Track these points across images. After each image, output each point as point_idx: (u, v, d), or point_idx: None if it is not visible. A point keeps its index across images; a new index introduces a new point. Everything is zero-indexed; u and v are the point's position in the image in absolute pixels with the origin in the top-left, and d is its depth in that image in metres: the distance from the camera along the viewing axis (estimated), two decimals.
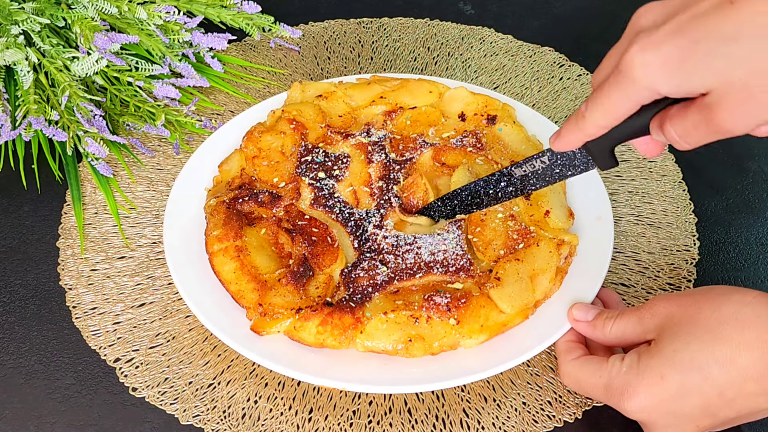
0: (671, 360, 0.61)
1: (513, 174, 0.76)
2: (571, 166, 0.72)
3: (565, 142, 0.65)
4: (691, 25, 0.54)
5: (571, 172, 0.72)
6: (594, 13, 1.18)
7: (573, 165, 0.72)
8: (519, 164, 0.75)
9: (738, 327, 0.60)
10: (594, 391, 0.66)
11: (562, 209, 0.81)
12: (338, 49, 1.11)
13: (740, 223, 0.89)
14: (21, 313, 0.80)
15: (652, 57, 0.55)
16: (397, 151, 0.87)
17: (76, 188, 0.90)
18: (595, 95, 0.60)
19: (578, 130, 0.63)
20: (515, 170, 0.76)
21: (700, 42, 0.53)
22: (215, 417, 0.72)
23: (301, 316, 0.71)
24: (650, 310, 0.66)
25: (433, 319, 0.71)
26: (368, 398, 0.73)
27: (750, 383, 0.60)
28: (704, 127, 0.56)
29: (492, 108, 0.90)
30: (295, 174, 0.84)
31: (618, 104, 0.59)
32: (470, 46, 1.11)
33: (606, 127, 0.61)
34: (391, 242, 0.77)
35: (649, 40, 0.55)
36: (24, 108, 0.89)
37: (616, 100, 0.58)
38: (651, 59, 0.55)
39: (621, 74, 0.57)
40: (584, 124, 0.62)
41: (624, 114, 0.60)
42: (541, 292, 0.73)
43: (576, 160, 0.71)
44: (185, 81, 0.98)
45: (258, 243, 0.77)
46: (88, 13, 0.96)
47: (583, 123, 0.62)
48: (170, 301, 0.81)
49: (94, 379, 0.75)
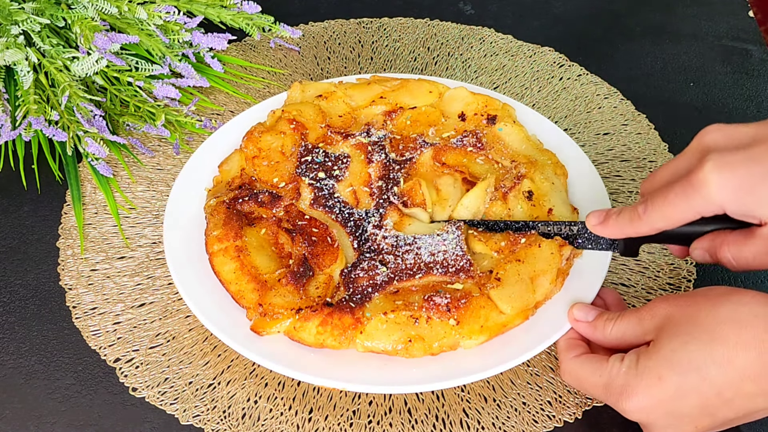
0: (669, 361, 0.62)
1: (537, 228, 0.78)
2: (596, 242, 0.76)
3: (611, 232, 0.70)
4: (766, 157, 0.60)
5: (591, 246, 0.77)
6: (594, 13, 1.18)
7: (597, 242, 0.76)
8: (547, 224, 0.78)
9: (735, 327, 0.60)
10: (593, 390, 0.66)
11: (565, 206, 0.81)
12: (338, 49, 1.11)
13: None
14: (21, 313, 0.80)
15: (728, 178, 0.61)
16: (397, 151, 0.87)
17: (76, 188, 0.90)
18: (658, 202, 0.65)
19: (631, 227, 0.68)
20: (541, 227, 0.78)
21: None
22: (215, 417, 0.72)
23: (301, 317, 0.71)
24: (650, 312, 0.66)
25: (432, 320, 0.71)
26: (368, 398, 0.73)
27: (748, 383, 0.60)
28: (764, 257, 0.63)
29: (492, 108, 0.90)
30: (295, 174, 0.84)
31: (681, 214, 0.64)
32: (470, 46, 1.11)
33: (661, 230, 0.66)
34: (391, 242, 0.77)
35: (724, 161, 0.61)
36: (24, 108, 0.89)
37: (681, 211, 0.64)
38: (727, 181, 0.61)
39: (692, 188, 0.62)
40: (640, 225, 0.67)
41: (682, 222, 0.65)
42: (541, 294, 0.73)
43: (602, 241, 0.76)
44: (185, 81, 0.98)
45: (258, 243, 0.77)
46: (88, 13, 0.96)
47: (639, 223, 0.67)
48: (170, 301, 0.81)
49: (94, 379, 0.75)
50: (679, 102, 0.97)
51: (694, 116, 1.01)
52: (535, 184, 0.81)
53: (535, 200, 0.80)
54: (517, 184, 0.81)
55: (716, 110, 1.02)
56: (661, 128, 0.99)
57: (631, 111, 1.01)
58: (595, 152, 0.95)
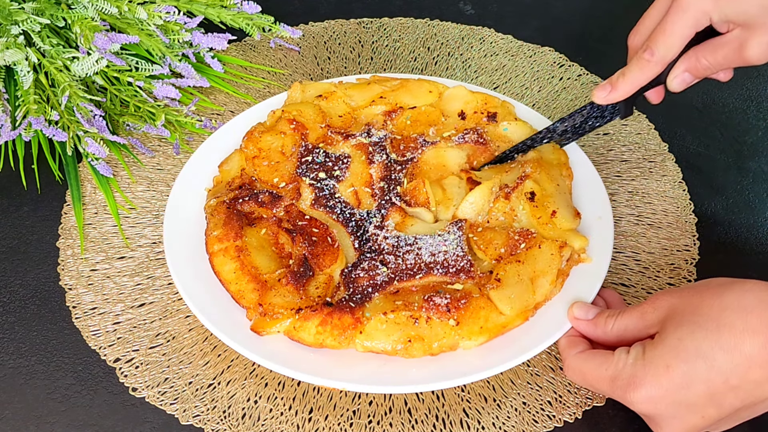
0: (676, 349, 0.62)
1: (556, 130, 0.85)
2: (601, 117, 0.83)
3: (625, 90, 0.78)
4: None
5: (599, 123, 0.83)
6: (594, 13, 1.18)
7: (602, 116, 0.83)
8: (563, 120, 0.84)
9: (741, 313, 0.61)
10: (599, 384, 0.66)
11: (569, 209, 0.80)
12: (338, 49, 1.11)
13: (740, 223, 0.89)
14: (21, 313, 0.80)
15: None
16: (398, 151, 0.87)
17: (76, 188, 0.90)
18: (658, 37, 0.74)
19: (643, 74, 0.76)
20: (559, 126, 0.85)
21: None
22: (215, 417, 0.72)
23: (300, 317, 0.71)
24: (653, 305, 0.66)
25: (432, 320, 0.71)
26: (368, 398, 0.73)
27: (755, 370, 0.60)
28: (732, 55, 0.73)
29: (492, 105, 0.90)
30: (296, 174, 0.84)
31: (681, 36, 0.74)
32: (470, 46, 1.11)
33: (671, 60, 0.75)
34: (392, 243, 0.77)
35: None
36: (24, 108, 0.89)
37: (680, 32, 0.73)
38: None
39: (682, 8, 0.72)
40: (652, 66, 0.76)
41: (684, 44, 0.74)
42: (541, 294, 0.73)
43: (606, 111, 0.82)
44: (185, 81, 0.98)
45: (258, 243, 0.77)
46: (88, 13, 0.96)
47: (650, 65, 0.76)
48: (170, 301, 0.81)
49: (94, 379, 0.75)
50: (679, 102, 0.96)
51: (694, 116, 1.01)
52: (539, 186, 0.80)
53: (537, 201, 0.80)
54: (520, 185, 0.80)
55: (716, 110, 1.02)
56: (661, 128, 0.99)
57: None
58: (595, 152, 0.95)
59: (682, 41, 0.74)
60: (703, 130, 1.00)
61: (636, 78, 0.77)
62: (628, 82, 0.78)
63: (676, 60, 0.76)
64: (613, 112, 0.82)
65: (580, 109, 0.83)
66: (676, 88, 0.77)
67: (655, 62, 0.75)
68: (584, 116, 0.84)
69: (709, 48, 0.74)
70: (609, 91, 0.79)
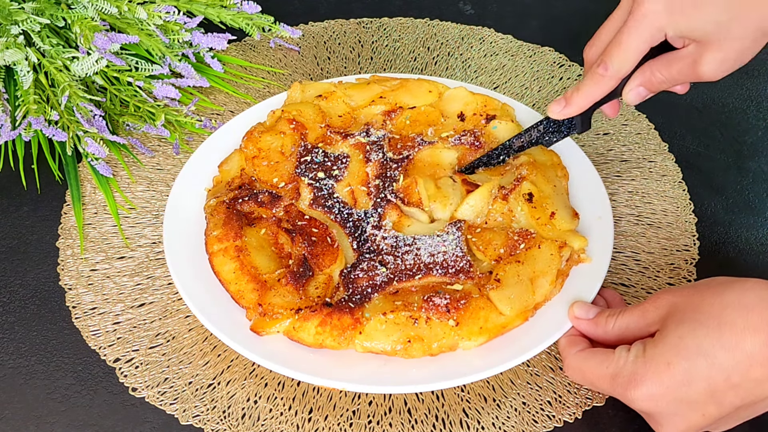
0: (677, 347, 0.62)
1: (513, 145, 0.85)
2: (558, 132, 0.82)
3: (580, 105, 0.77)
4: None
5: (556, 137, 0.83)
6: (594, 13, 1.17)
7: (559, 131, 0.82)
8: (519, 135, 0.84)
9: (742, 311, 0.61)
10: (600, 382, 0.66)
11: (567, 210, 0.80)
12: (338, 49, 1.11)
13: (740, 223, 0.89)
14: (21, 313, 0.80)
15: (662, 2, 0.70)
16: (396, 150, 0.87)
17: (76, 188, 0.90)
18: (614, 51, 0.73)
19: (598, 88, 0.75)
20: (515, 141, 0.84)
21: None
22: (215, 417, 0.72)
23: (300, 317, 0.71)
24: (654, 304, 0.66)
25: (432, 320, 0.71)
26: (368, 398, 0.73)
27: (756, 368, 0.60)
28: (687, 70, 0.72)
29: (491, 108, 0.90)
30: (295, 174, 0.84)
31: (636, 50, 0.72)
32: (470, 46, 1.11)
33: (625, 74, 0.74)
34: (390, 243, 0.77)
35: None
36: (24, 108, 0.89)
37: (636, 46, 0.72)
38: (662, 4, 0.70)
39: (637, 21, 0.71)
40: (606, 81, 0.74)
41: (639, 58, 0.73)
42: (541, 295, 0.73)
43: (562, 126, 0.82)
44: (185, 81, 0.98)
45: (258, 243, 0.77)
46: (88, 13, 0.96)
47: (604, 80, 0.74)
48: (170, 301, 0.81)
49: (94, 379, 0.75)
50: (679, 102, 0.97)
51: (694, 116, 1.01)
52: (536, 187, 0.80)
53: (535, 202, 0.80)
54: (517, 186, 0.80)
55: (716, 110, 1.02)
56: (661, 128, 0.99)
57: (631, 111, 1.01)
58: (595, 152, 0.95)
59: (636, 56, 0.73)
60: (703, 130, 1.00)
61: (590, 92, 0.76)
62: (582, 96, 0.76)
63: (632, 73, 0.75)
64: (570, 127, 0.81)
65: (536, 124, 0.83)
66: (632, 102, 0.76)
67: (609, 77, 0.74)
68: (540, 131, 0.83)
69: (664, 62, 0.73)
70: (564, 105, 0.77)
